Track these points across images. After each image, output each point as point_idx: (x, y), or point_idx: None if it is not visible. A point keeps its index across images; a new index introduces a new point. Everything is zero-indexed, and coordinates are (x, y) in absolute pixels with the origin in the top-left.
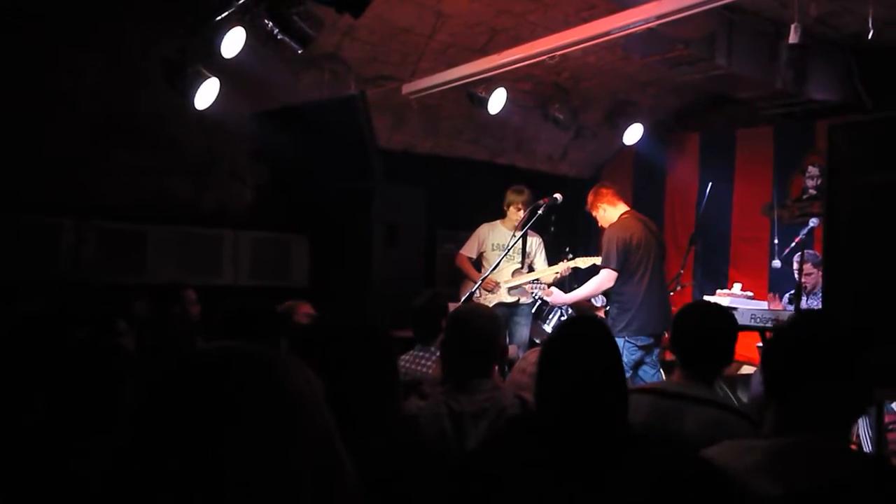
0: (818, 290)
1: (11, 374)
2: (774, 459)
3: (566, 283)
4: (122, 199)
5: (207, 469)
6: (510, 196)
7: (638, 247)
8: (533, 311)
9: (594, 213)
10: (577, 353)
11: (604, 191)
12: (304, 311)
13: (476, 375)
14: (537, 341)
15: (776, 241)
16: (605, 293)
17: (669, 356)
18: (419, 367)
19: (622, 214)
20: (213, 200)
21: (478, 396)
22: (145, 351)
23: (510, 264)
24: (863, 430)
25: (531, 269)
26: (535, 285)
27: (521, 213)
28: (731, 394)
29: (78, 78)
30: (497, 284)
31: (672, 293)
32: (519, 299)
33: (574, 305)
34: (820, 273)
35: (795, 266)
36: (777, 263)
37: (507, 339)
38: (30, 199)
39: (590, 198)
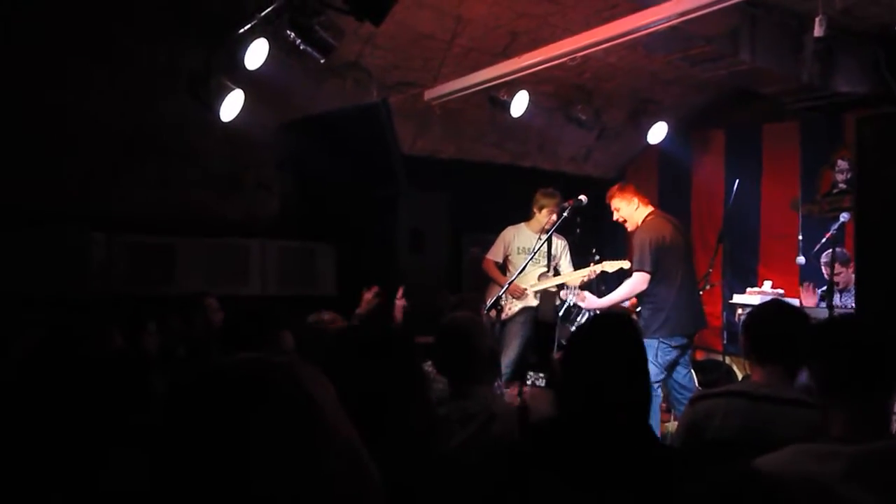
0: (850, 287)
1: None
2: (863, 466)
3: (593, 286)
4: (151, 212)
5: (233, 481)
6: (542, 200)
7: (670, 247)
8: (560, 313)
9: (617, 211)
10: (601, 346)
11: (627, 189)
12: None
13: (470, 381)
14: (564, 343)
15: (801, 238)
16: (637, 295)
17: (700, 355)
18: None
19: (648, 215)
20: (239, 211)
21: (467, 402)
22: (170, 360)
23: (536, 268)
24: None
25: (557, 272)
26: (568, 291)
27: (553, 217)
28: None
29: (103, 93)
30: (524, 291)
31: (701, 292)
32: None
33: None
34: (849, 271)
35: (823, 264)
36: (802, 260)
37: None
38: (61, 214)
39: (613, 197)
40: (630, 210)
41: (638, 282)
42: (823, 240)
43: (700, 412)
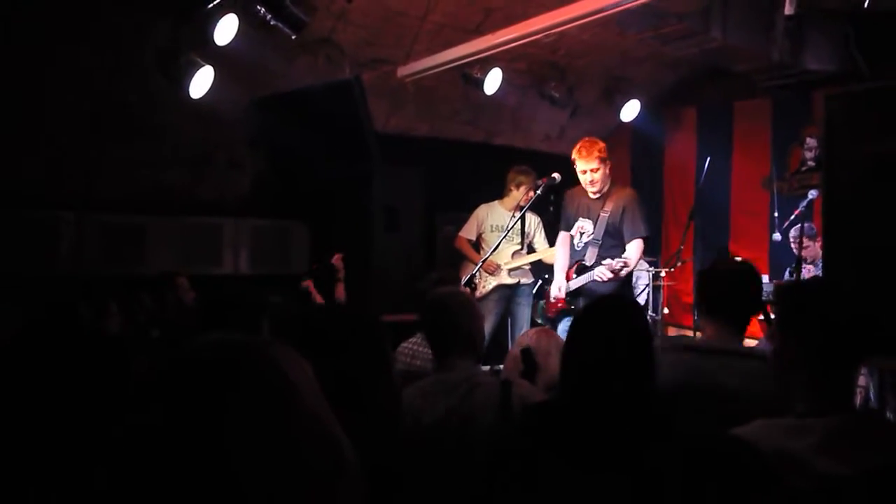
0: (818, 261)
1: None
2: (836, 439)
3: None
4: (121, 192)
5: (209, 461)
6: (518, 177)
7: None
8: (534, 291)
9: (595, 171)
10: (600, 326)
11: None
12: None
13: (453, 355)
14: (539, 321)
15: (776, 215)
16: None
17: (671, 332)
18: (426, 350)
19: (615, 184)
20: (211, 190)
21: (451, 374)
22: (143, 340)
23: (509, 245)
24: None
25: (531, 249)
26: (600, 269)
27: (531, 193)
28: None
29: (72, 71)
30: (498, 267)
31: (673, 269)
32: (519, 280)
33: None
34: (816, 245)
35: (792, 239)
36: (777, 237)
37: (510, 321)
38: (29, 194)
39: (602, 153)
40: (605, 173)
41: (642, 248)
42: (792, 217)
43: None
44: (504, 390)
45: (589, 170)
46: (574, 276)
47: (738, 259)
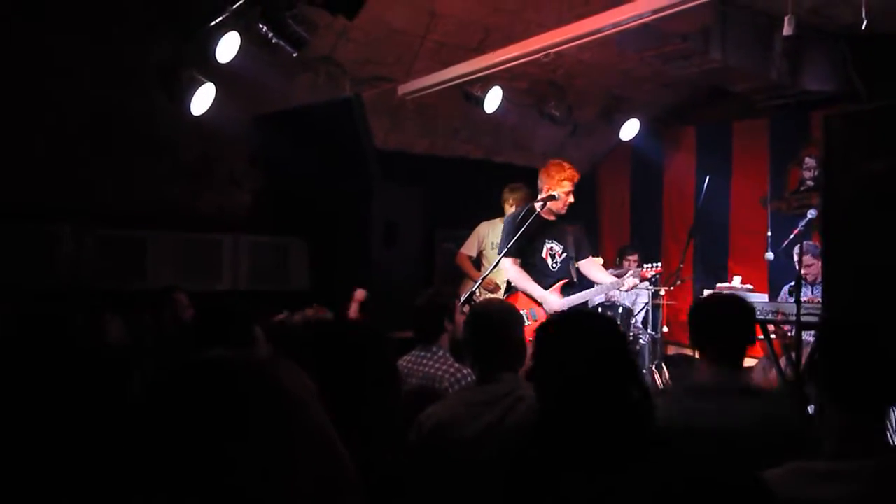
0: (819, 280)
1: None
2: (864, 485)
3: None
4: (121, 206)
5: (209, 472)
6: (506, 194)
7: None
8: None
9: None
10: (566, 344)
11: None
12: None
13: (497, 368)
14: None
15: (769, 234)
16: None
17: (670, 350)
18: (421, 368)
19: None
20: (211, 205)
21: (498, 386)
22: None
23: None
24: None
25: None
26: (630, 278)
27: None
28: None
29: (74, 86)
30: (497, 286)
31: (672, 287)
32: None
33: None
34: (820, 264)
35: (796, 258)
36: (770, 256)
37: None
38: (28, 207)
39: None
40: None
41: None
42: (791, 236)
43: None
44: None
45: (572, 191)
46: (561, 295)
47: (725, 293)
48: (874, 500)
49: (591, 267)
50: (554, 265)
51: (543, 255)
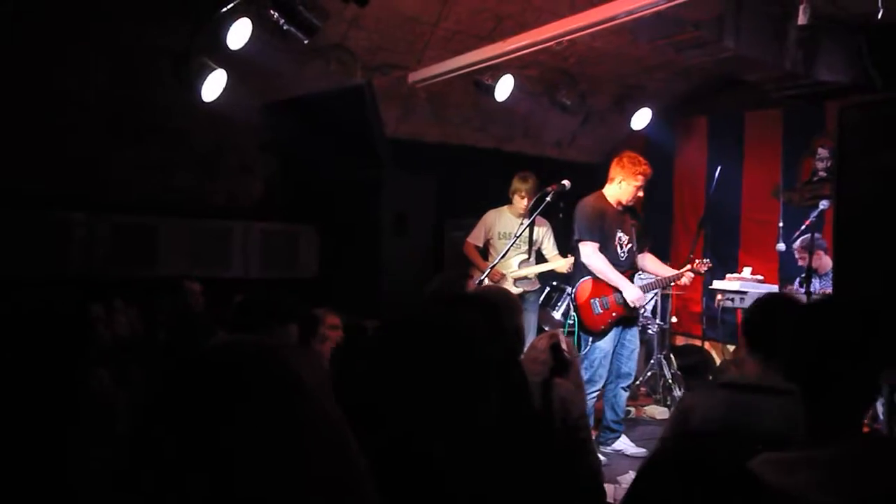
0: (828, 271)
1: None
2: (834, 473)
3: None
4: (133, 193)
5: (215, 463)
6: (515, 183)
7: None
8: (541, 298)
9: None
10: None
11: None
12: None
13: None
14: (546, 328)
15: (781, 225)
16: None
17: (680, 341)
18: None
19: None
20: (222, 193)
21: None
22: (151, 344)
23: (517, 253)
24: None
25: (539, 256)
26: (689, 275)
27: (526, 202)
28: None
29: (86, 74)
30: (503, 276)
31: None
32: (524, 290)
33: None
34: (824, 256)
35: (796, 250)
36: (782, 247)
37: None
38: (41, 195)
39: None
40: None
41: None
42: (803, 227)
43: (686, 403)
44: (545, 389)
45: (643, 185)
46: None
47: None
48: (830, 487)
49: (648, 260)
50: (622, 255)
51: (615, 243)
